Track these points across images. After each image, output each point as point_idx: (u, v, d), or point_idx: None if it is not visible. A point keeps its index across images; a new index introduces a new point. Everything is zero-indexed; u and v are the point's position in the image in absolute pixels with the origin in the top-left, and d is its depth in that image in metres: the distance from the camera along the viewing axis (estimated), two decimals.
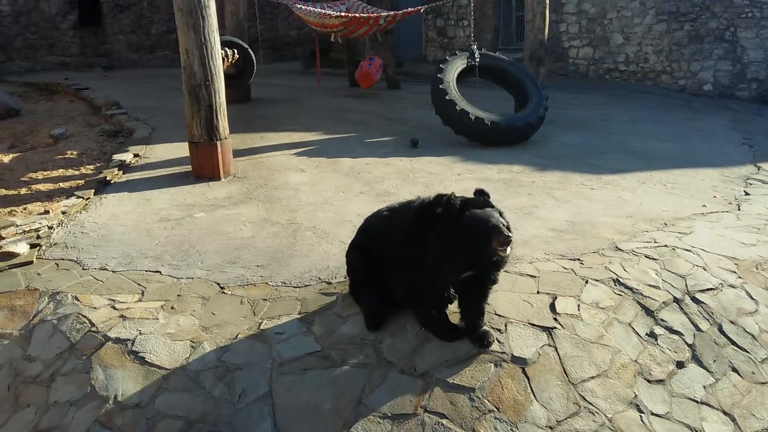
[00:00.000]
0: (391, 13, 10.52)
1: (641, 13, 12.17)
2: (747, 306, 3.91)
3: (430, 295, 3.33)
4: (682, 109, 10.38)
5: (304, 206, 5.42)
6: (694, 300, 3.84)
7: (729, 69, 11.22)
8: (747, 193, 5.85)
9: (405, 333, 3.38)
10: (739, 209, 5.39)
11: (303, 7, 10.24)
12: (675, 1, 11.64)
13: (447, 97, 7.48)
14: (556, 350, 3.33)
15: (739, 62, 11.08)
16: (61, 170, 6.69)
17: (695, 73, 11.61)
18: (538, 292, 3.75)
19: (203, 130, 6.04)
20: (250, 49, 8.49)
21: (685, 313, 3.75)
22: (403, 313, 3.46)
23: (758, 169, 6.67)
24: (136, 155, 6.94)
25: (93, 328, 3.62)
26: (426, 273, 3.21)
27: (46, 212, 5.17)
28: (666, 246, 4.37)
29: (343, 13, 10.05)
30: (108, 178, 6.08)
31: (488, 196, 3.15)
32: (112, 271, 4.27)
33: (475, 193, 3.18)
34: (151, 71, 15.53)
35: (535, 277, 3.92)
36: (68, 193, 5.80)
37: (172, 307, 3.79)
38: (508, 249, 2.97)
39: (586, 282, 3.86)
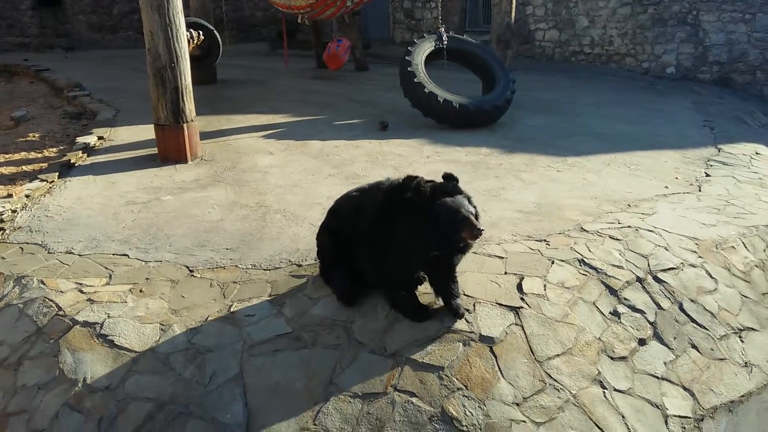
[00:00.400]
0: None
1: None
2: (707, 285, 4.04)
3: (399, 277, 3.38)
4: (645, 91, 10.55)
5: (273, 189, 5.41)
6: (656, 279, 3.95)
7: (691, 52, 11.42)
8: (708, 175, 6.00)
9: (375, 314, 3.42)
10: (699, 190, 5.53)
11: None
12: None
13: (415, 80, 7.49)
14: (523, 329, 3.41)
15: (701, 45, 11.28)
16: (23, 153, 6.55)
17: (658, 56, 11.79)
18: (505, 273, 3.82)
19: (169, 113, 5.96)
20: (215, 31, 8.38)
21: (648, 292, 3.85)
22: (373, 293, 3.49)
23: (719, 151, 6.83)
24: (100, 138, 6.83)
25: (60, 312, 3.58)
26: (395, 255, 3.26)
27: (9, 196, 5.07)
28: (629, 227, 4.47)
29: None
30: (72, 161, 5.98)
31: (457, 181, 3.19)
32: (79, 255, 4.22)
33: (444, 178, 3.22)
34: (113, 52, 15.20)
35: (502, 258, 3.99)
36: (31, 176, 5.69)
37: (141, 291, 3.77)
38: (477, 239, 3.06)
39: (552, 262, 3.94)
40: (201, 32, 7.78)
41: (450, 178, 3.20)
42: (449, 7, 14.64)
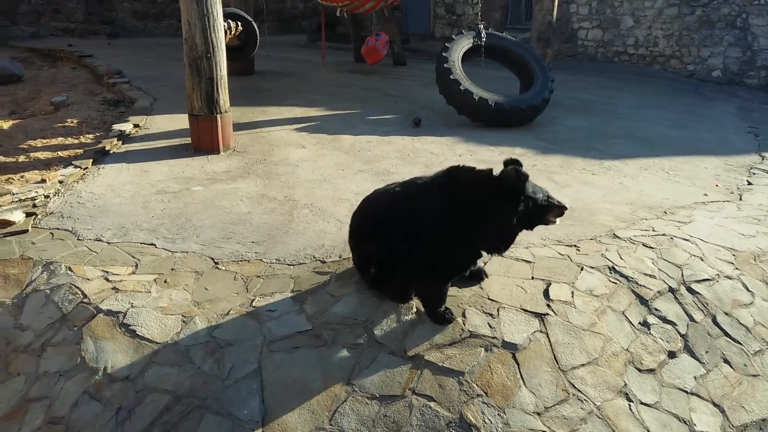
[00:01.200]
0: None
1: None
2: (742, 298, 3.89)
3: (464, 268, 3.37)
4: (689, 95, 10.27)
5: (302, 183, 5.39)
6: (690, 290, 3.82)
7: (739, 56, 11.08)
8: (749, 183, 5.80)
9: (397, 314, 3.37)
10: (740, 199, 5.35)
11: None
12: None
13: (451, 77, 7.41)
14: (548, 337, 3.32)
15: (749, 49, 10.94)
16: (60, 138, 6.66)
17: (705, 59, 11.47)
18: (532, 278, 3.73)
19: (203, 103, 5.99)
20: (253, 22, 8.39)
21: (680, 303, 3.73)
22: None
23: (762, 159, 6.62)
24: (136, 125, 6.90)
25: (85, 300, 3.61)
26: (465, 245, 3.21)
27: (43, 181, 5.15)
28: (664, 235, 4.33)
29: None
30: (107, 148, 6.05)
31: (521, 165, 3.11)
32: (107, 243, 4.25)
33: (507, 163, 3.16)
34: (155, 40, 15.42)
35: (530, 262, 3.90)
36: (66, 162, 5.77)
37: (165, 281, 3.78)
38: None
39: (582, 269, 3.84)
40: (239, 23, 7.79)
41: (515, 163, 3.14)
42: (491, 3, 14.47)
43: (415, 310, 3.39)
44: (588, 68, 12.53)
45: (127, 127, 6.72)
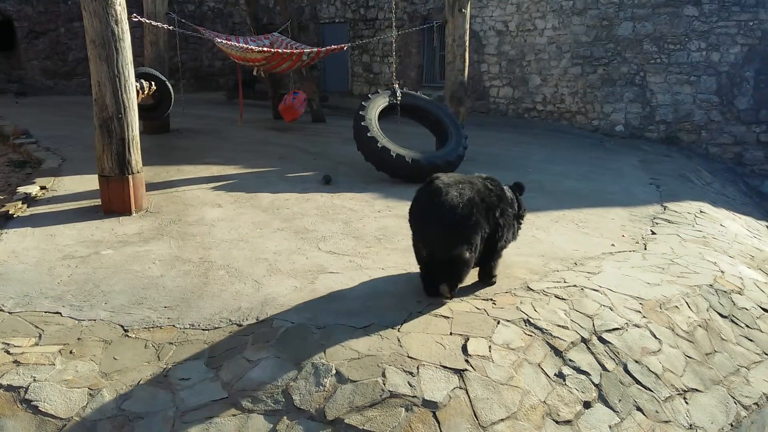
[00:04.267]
0: (315, 49, 10.58)
1: (557, 56, 12.70)
2: (651, 345, 4.04)
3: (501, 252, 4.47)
4: (595, 148, 10.82)
5: (218, 243, 5.29)
6: (601, 340, 3.94)
7: (639, 111, 11.81)
8: (653, 233, 6.10)
9: (317, 378, 3.31)
10: (645, 248, 5.60)
11: (225, 41, 10.13)
12: (589, 46, 12.21)
13: (368, 134, 7.53)
14: (467, 392, 3.33)
15: (648, 105, 11.68)
16: None
17: (608, 115, 12.16)
18: (451, 333, 3.76)
19: (114, 164, 5.83)
20: (167, 81, 8.33)
21: (592, 353, 3.83)
22: (317, 355, 3.39)
23: (664, 209, 6.98)
24: (43, 188, 6.63)
25: None
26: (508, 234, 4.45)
27: None
28: (575, 286, 4.48)
29: (265, 48, 10.02)
30: (10, 212, 5.77)
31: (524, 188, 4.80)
32: (9, 312, 4.01)
33: (513, 186, 4.78)
34: (66, 98, 15.02)
35: (448, 318, 3.93)
36: None
37: (71, 352, 3.58)
38: None
39: (498, 322, 3.90)
40: (152, 82, 7.71)
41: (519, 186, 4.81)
42: (407, 62, 14.93)
43: (335, 371, 3.34)
44: (500, 124, 13.03)
45: (33, 189, 6.44)
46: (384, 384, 3.28)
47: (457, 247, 4.01)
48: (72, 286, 4.38)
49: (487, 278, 4.45)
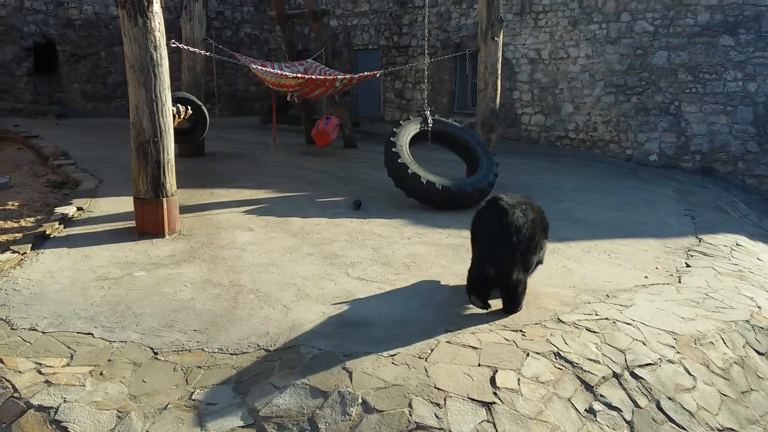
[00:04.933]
0: (348, 76, 10.68)
1: (591, 84, 12.64)
2: (685, 382, 3.94)
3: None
4: (628, 178, 10.69)
5: (249, 267, 5.33)
6: (633, 375, 3.86)
7: (674, 141, 11.66)
8: (688, 265, 5.98)
9: (343, 407, 3.29)
10: (679, 281, 5.49)
11: (260, 67, 10.30)
12: (622, 74, 12.13)
13: (399, 161, 7.56)
14: (495, 427, 3.28)
15: (683, 135, 11.52)
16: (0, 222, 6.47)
17: (642, 144, 12.02)
18: (479, 365, 3.72)
19: (149, 187, 5.94)
20: (203, 106, 8.48)
21: (624, 389, 3.75)
22: (343, 383, 3.37)
23: (699, 241, 6.85)
24: (79, 208, 6.77)
25: (15, 394, 3.44)
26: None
27: None
28: (607, 319, 4.40)
29: (299, 75, 10.15)
30: (47, 232, 5.90)
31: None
32: (42, 332, 4.09)
33: None
34: (105, 121, 15.36)
35: (476, 348, 3.89)
36: (4, 247, 5.59)
37: (101, 373, 3.63)
38: None
39: (528, 355, 3.84)
40: (188, 107, 7.86)
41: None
42: (438, 89, 15.00)
43: (361, 400, 3.32)
44: (532, 152, 12.97)
45: (70, 210, 6.58)
46: (410, 415, 3.25)
47: (516, 267, 4.38)
48: (104, 308, 4.45)
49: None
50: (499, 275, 4.36)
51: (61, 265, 5.22)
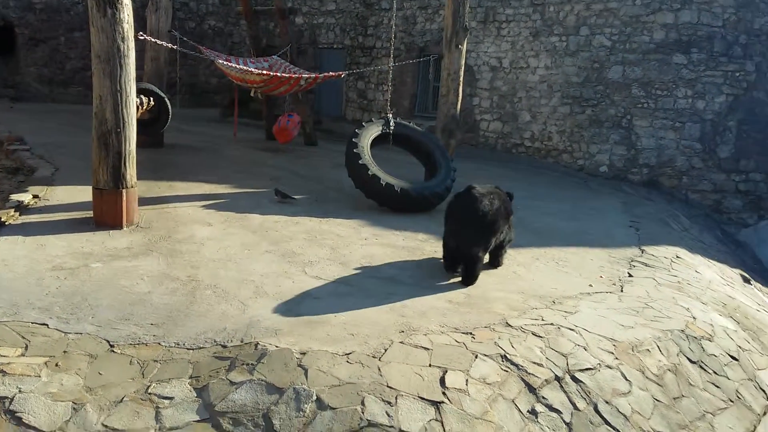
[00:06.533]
0: (313, 75, 10.77)
1: (548, 94, 12.97)
2: (621, 387, 4.17)
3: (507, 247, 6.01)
4: (579, 187, 11.04)
5: (207, 262, 5.38)
6: (574, 379, 4.07)
7: (624, 153, 12.06)
8: (630, 275, 6.26)
9: (297, 403, 3.40)
10: (621, 290, 5.76)
11: (225, 62, 10.29)
12: (579, 86, 12.49)
13: (360, 162, 7.68)
14: (443, 425, 3.44)
15: (633, 148, 11.94)
16: None
17: (593, 155, 12.40)
18: (430, 365, 3.87)
19: (110, 177, 5.93)
20: (166, 98, 8.45)
21: (565, 392, 3.96)
22: (298, 380, 3.48)
23: (642, 252, 7.16)
24: (35, 196, 6.70)
25: None
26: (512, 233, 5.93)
27: None
28: (552, 324, 4.61)
29: (264, 71, 10.18)
30: (2, 219, 5.83)
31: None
32: None
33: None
34: (61, 106, 15.09)
35: (428, 349, 4.05)
36: None
37: (57, 365, 3.65)
38: None
39: (476, 357, 4.02)
40: (151, 99, 7.84)
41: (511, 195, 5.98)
42: (401, 91, 15.15)
43: (315, 398, 3.44)
44: (488, 158, 13.25)
45: (25, 197, 6.51)
46: (363, 413, 3.38)
47: (476, 245, 5.32)
48: (60, 298, 4.45)
49: (498, 264, 5.93)
50: (459, 250, 5.37)
51: (16, 254, 5.19)
